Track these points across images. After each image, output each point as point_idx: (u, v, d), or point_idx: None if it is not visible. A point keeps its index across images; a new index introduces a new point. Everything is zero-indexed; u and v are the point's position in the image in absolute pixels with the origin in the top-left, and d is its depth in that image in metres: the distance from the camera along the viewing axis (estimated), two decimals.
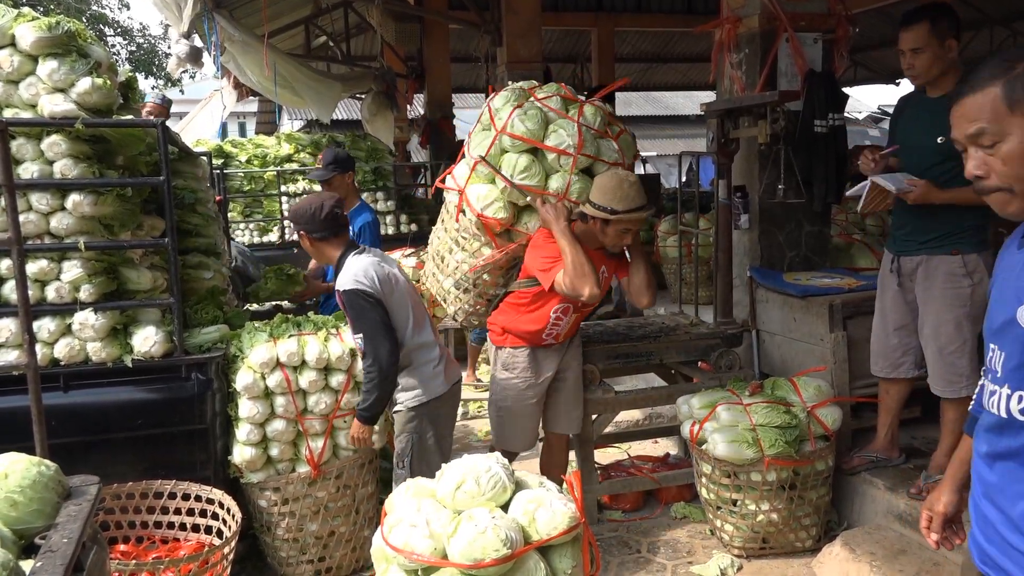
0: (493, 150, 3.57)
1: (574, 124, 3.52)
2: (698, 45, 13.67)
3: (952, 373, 3.28)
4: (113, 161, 3.30)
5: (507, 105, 3.64)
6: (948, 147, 3.14)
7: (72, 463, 2.11)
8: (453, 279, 3.75)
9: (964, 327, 3.25)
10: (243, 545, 3.68)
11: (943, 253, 3.27)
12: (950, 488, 1.89)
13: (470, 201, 3.59)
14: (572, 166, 3.48)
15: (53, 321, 3.19)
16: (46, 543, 1.52)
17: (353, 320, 3.15)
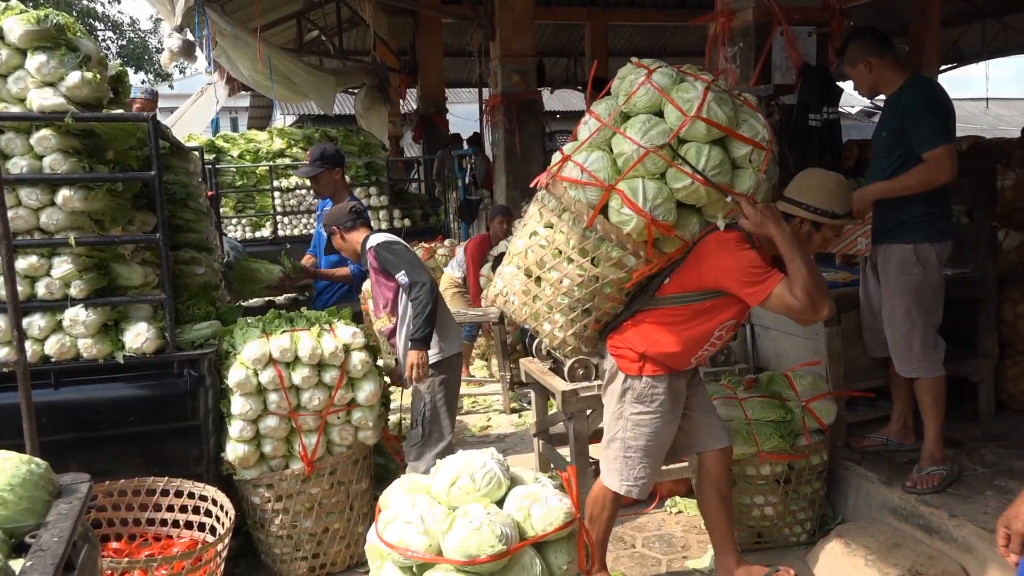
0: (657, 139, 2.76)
1: (759, 114, 2.89)
2: (692, 39, 13.66)
3: (905, 355, 3.50)
4: (103, 156, 3.27)
5: (678, 85, 2.83)
6: (891, 140, 3.42)
7: (63, 461, 2.10)
8: (566, 298, 2.94)
9: (913, 312, 3.44)
10: (236, 542, 3.66)
11: (899, 242, 3.46)
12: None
13: (632, 200, 2.74)
14: (764, 162, 2.83)
15: (43, 317, 3.17)
16: (36, 542, 1.50)
17: (392, 262, 3.59)
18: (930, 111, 3.33)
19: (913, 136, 3.33)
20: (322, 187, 4.57)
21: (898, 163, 3.41)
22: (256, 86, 8.63)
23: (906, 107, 3.36)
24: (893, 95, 3.47)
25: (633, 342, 2.97)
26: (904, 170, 3.39)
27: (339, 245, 3.89)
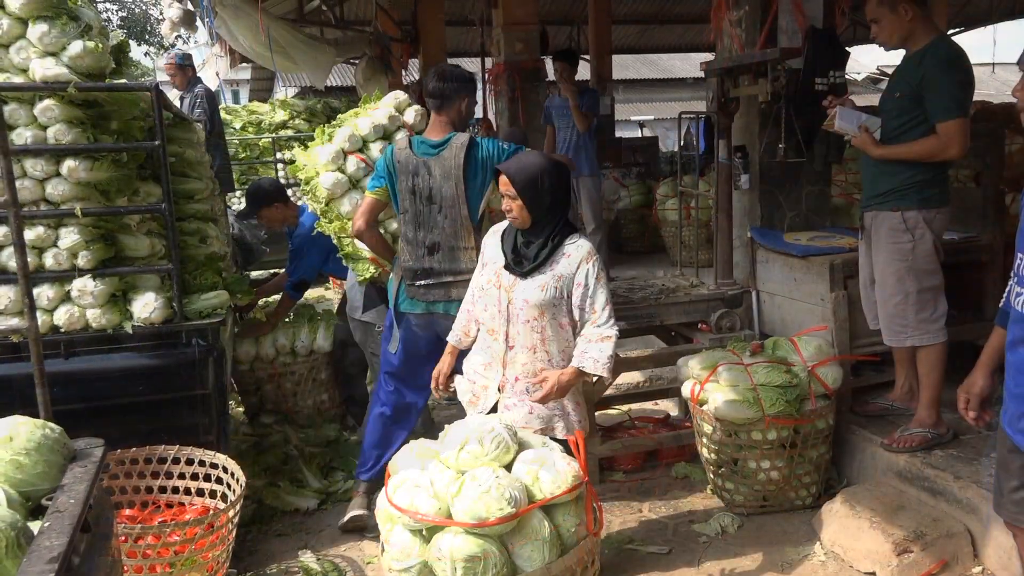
0: None
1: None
2: (696, 5, 13.49)
3: (897, 324, 3.48)
4: (107, 126, 3.26)
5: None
6: (903, 102, 3.31)
7: (75, 430, 2.11)
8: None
9: (905, 280, 3.41)
10: (248, 508, 3.71)
11: (887, 209, 3.41)
12: (984, 372, 2.21)
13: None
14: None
15: (52, 288, 3.18)
16: (53, 504, 1.52)
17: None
18: (953, 79, 3.20)
19: (930, 102, 3.22)
20: (271, 223, 4.71)
21: (908, 127, 3.32)
22: (256, 57, 8.58)
23: (929, 68, 3.21)
24: (917, 53, 3.29)
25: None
26: (912, 136, 3.30)
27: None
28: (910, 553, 3.02)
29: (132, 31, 23.99)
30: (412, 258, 3.36)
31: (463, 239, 3.30)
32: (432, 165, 3.28)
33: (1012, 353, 2.02)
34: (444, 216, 3.29)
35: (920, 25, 3.28)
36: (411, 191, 3.32)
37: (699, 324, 4.28)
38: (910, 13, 3.26)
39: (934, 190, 3.36)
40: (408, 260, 3.37)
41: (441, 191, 3.27)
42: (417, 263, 3.35)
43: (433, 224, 3.31)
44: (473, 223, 3.30)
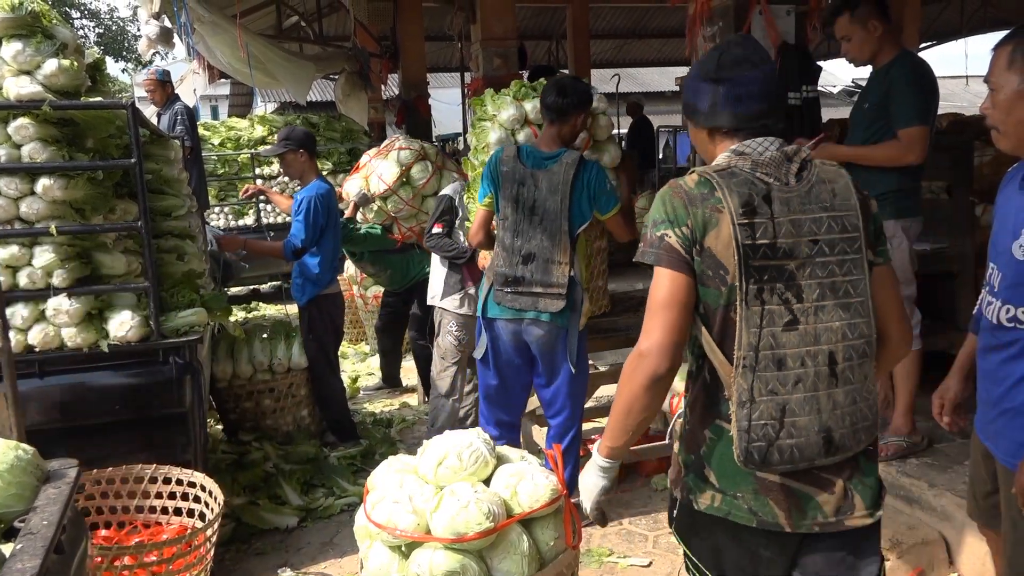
0: None
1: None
2: (672, 20, 13.66)
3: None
4: (83, 144, 3.25)
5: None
6: (872, 112, 3.43)
7: (51, 450, 2.09)
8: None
9: None
10: (226, 528, 3.69)
11: None
12: (957, 378, 2.24)
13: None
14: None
15: (26, 307, 3.16)
16: (26, 526, 1.51)
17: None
18: (916, 88, 3.32)
19: (894, 111, 3.34)
20: (289, 167, 4.71)
21: (876, 136, 3.43)
22: (235, 73, 8.56)
23: (894, 80, 3.35)
24: (883, 67, 3.43)
25: None
26: (881, 142, 3.41)
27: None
28: (887, 561, 3.04)
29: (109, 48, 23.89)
30: (506, 264, 3.37)
31: (558, 253, 3.32)
32: (540, 177, 3.31)
33: (983, 360, 2.05)
34: (544, 229, 3.31)
35: (887, 41, 3.42)
36: (514, 199, 3.34)
37: None
38: (879, 29, 3.39)
39: (909, 200, 3.46)
40: (501, 266, 3.38)
41: (545, 204, 3.30)
42: (511, 270, 3.36)
43: (532, 235, 3.32)
44: (570, 239, 3.33)
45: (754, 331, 1.63)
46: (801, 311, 1.65)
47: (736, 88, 1.74)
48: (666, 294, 1.69)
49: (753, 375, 1.63)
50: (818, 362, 1.65)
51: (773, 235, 1.64)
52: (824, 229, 1.67)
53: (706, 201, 1.67)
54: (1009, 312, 1.91)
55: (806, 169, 1.73)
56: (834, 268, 1.67)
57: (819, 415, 1.65)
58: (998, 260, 1.96)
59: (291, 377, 4.70)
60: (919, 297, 3.63)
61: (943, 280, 4.15)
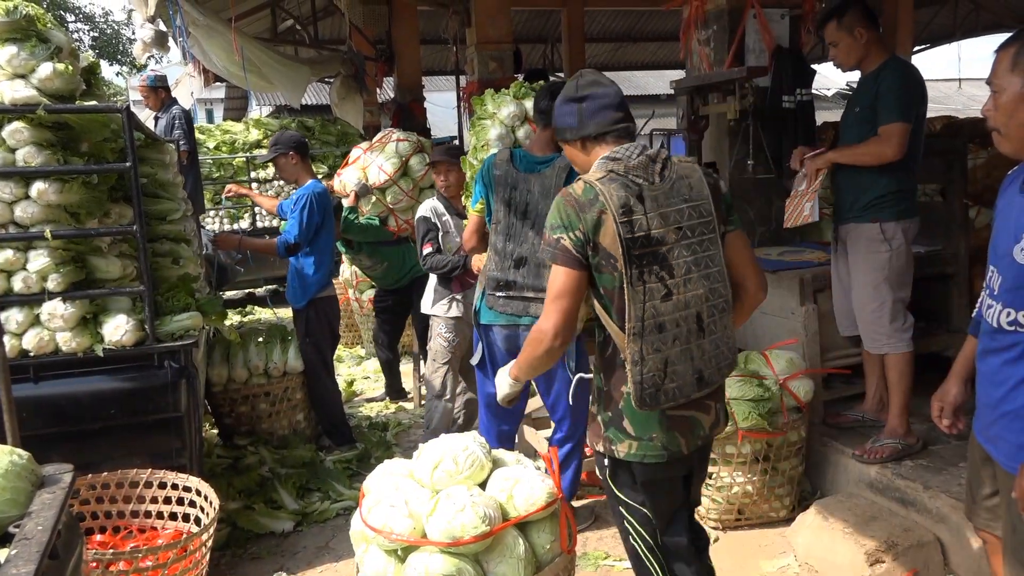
0: None
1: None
2: (667, 23, 13.67)
3: (874, 331, 3.58)
4: (78, 148, 3.25)
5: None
6: (863, 115, 3.50)
7: (45, 455, 2.09)
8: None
9: (882, 289, 3.51)
10: (222, 532, 3.68)
11: (865, 221, 3.52)
12: (956, 381, 2.24)
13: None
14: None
15: (21, 312, 3.15)
16: (20, 531, 1.51)
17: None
18: (903, 90, 3.38)
19: (880, 110, 3.40)
20: (283, 171, 4.72)
21: (865, 137, 3.47)
22: (230, 76, 8.54)
23: (884, 82, 3.40)
24: (872, 73, 3.49)
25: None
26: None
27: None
28: (882, 563, 3.06)
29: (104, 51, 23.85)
30: (498, 269, 3.36)
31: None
32: (532, 181, 3.31)
33: (982, 363, 2.06)
34: (536, 232, 3.29)
35: (874, 47, 3.49)
36: (507, 203, 3.34)
37: None
38: (865, 36, 3.46)
39: (907, 202, 3.51)
40: (493, 270, 3.37)
41: (537, 207, 3.29)
42: (502, 274, 3.35)
43: (524, 238, 3.31)
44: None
45: (639, 305, 2.06)
46: (673, 285, 2.09)
47: (595, 102, 2.20)
48: (561, 286, 2.13)
49: (641, 340, 2.07)
50: (689, 322, 2.11)
51: (647, 228, 2.07)
52: (686, 217, 2.12)
53: (593, 206, 2.07)
54: (1010, 315, 1.91)
55: (667, 168, 2.15)
56: (696, 247, 2.12)
57: (692, 362, 2.13)
58: (999, 263, 1.96)
59: (287, 381, 4.69)
60: (913, 299, 3.64)
61: (937, 282, 4.17)
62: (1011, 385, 1.93)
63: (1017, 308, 1.90)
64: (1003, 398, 1.95)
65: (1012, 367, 1.93)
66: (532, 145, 3.47)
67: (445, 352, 4.30)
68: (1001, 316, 1.93)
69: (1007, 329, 1.92)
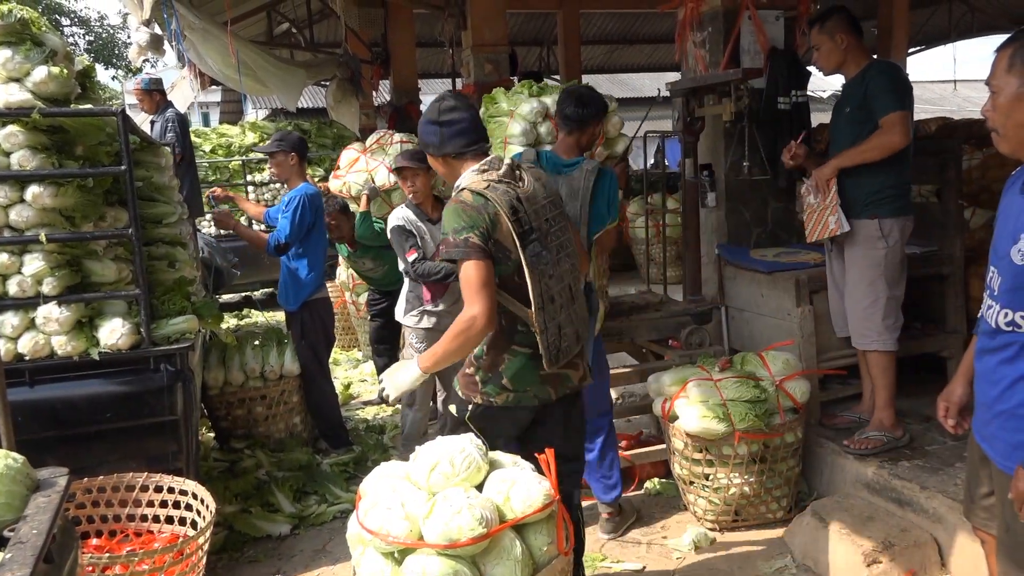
0: None
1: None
2: (663, 25, 13.70)
3: (865, 327, 3.61)
4: (73, 151, 3.24)
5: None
6: (854, 115, 3.54)
7: (41, 459, 2.08)
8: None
9: (878, 285, 3.55)
10: (219, 536, 3.67)
11: (865, 217, 3.56)
12: (962, 381, 2.25)
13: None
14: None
15: (16, 315, 3.14)
16: (15, 535, 1.50)
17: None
18: (892, 85, 3.48)
19: (875, 105, 3.46)
20: (279, 168, 4.71)
21: (863, 136, 3.51)
22: (225, 80, 8.53)
23: (872, 81, 3.49)
24: (857, 76, 3.57)
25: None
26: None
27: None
28: (879, 564, 3.06)
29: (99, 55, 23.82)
30: None
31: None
32: (560, 183, 3.30)
33: (979, 362, 2.06)
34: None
35: (853, 54, 3.58)
36: None
37: (669, 341, 4.32)
38: (845, 42, 3.55)
39: (903, 200, 3.57)
40: None
41: (565, 210, 3.29)
42: None
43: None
44: (586, 246, 3.33)
45: (537, 284, 2.48)
46: (553, 265, 2.54)
47: (453, 127, 2.57)
48: (480, 276, 2.44)
49: (543, 312, 2.49)
50: (565, 293, 2.58)
51: (530, 221, 2.50)
52: (548, 210, 2.59)
53: (487, 208, 2.45)
54: (1007, 316, 1.92)
55: (524, 174, 2.60)
56: (559, 234, 2.60)
57: (573, 324, 2.60)
58: (999, 264, 1.97)
59: (283, 384, 4.69)
60: (908, 300, 3.65)
61: (933, 283, 4.17)
62: (1006, 384, 1.94)
63: (1015, 309, 1.90)
64: (998, 397, 1.96)
65: (1008, 366, 1.93)
66: (557, 148, 3.48)
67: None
68: (999, 316, 1.94)
69: (1005, 329, 1.93)
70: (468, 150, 2.58)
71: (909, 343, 3.75)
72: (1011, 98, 1.88)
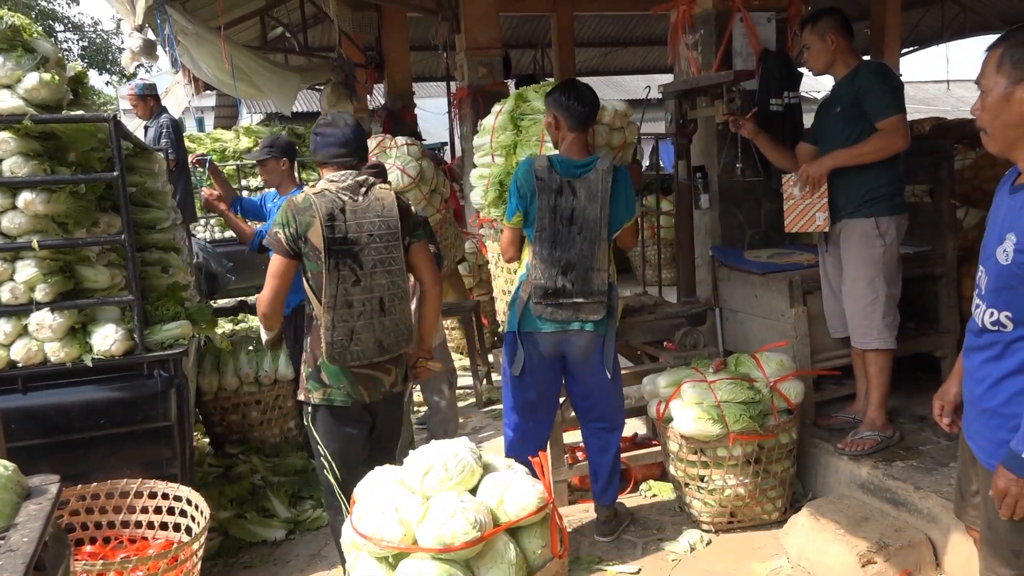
0: None
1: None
2: (656, 28, 13.73)
3: (866, 327, 3.61)
4: (65, 158, 3.23)
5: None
6: (845, 114, 3.55)
7: (35, 466, 2.07)
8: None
9: (877, 284, 3.56)
10: (214, 541, 3.67)
11: (861, 216, 3.57)
12: (956, 380, 2.24)
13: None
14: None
15: (9, 322, 3.13)
16: (6, 543, 1.50)
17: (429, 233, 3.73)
18: (885, 86, 3.48)
19: (869, 107, 3.46)
20: (270, 174, 4.66)
21: (856, 135, 3.52)
22: (219, 85, 8.53)
23: (862, 83, 3.49)
24: (847, 76, 3.58)
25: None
26: (863, 140, 3.51)
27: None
28: (874, 564, 3.06)
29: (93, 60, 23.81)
30: (544, 277, 3.33)
31: (598, 260, 3.32)
32: (577, 186, 3.29)
33: (966, 359, 2.08)
34: (584, 237, 3.29)
35: (842, 54, 3.59)
36: (552, 210, 3.30)
37: (664, 342, 4.32)
38: (834, 43, 3.57)
39: (899, 198, 3.59)
40: (540, 278, 3.33)
41: (584, 212, 3.28)
42: (550, 282, 3.32)
43: (571, 244, 3.30)
44: (608, 244, 3.34)
45: (333, 286, 2.83)
46: (363, 274, 2.86)
47: (325, 139, 2.98)
48: (274, 269, 2.91)
49: (332, 312, 2.83)
50: (373, 303, 2.88)
51: (345, 232, 2.83)
52: (376, 228, 2.88)
53: (307, 211, 2.83)
54: (993, 315, 1.93)
55: (369, 191, 2.92)
56: (381, 250, 2.88)
57: (375, 333, 2.88)
58: (986, 264, 1.98)
59: (278, 389, 4.68)
60: (902, 300, 3.66)
61: (926, 283, 4.18)
62: (990, 383, 1.96)
63: (999, 308, 1.91)
64: (983, 395, 1.98)
65: (993, 365, 1.95)
66: (568, 150, 3.41)
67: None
68: (985, 316, 1.96)
69: (990, 328, 1.95)
70: (330, 160, 2.97)
71: (903, 343, 3.75)
72: (999, 98, 1.88)
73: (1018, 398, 1.89)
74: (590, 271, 3.32)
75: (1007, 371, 1.92)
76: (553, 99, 3.43)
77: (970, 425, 2.08)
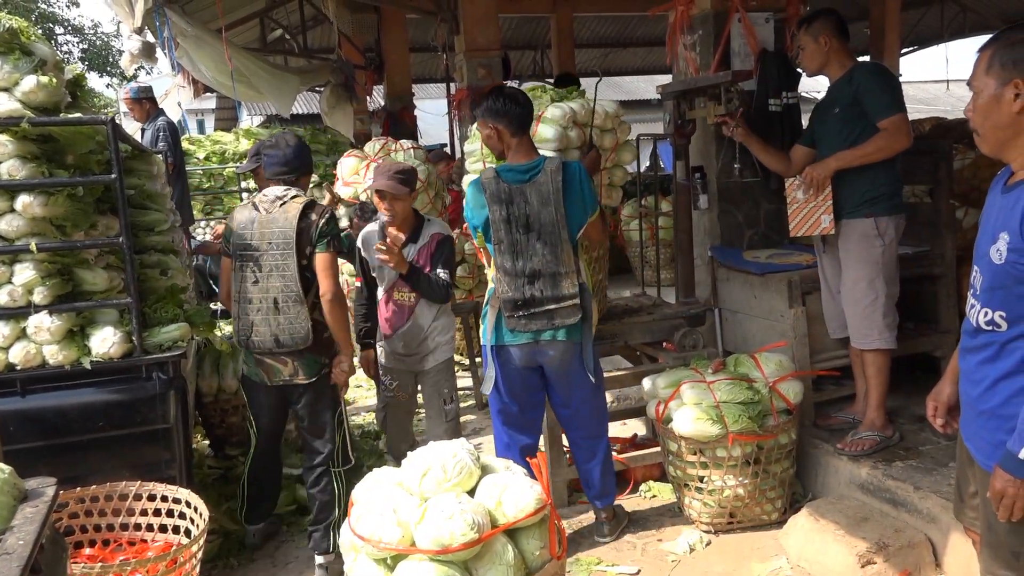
0: None
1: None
2: (656, 28, 13.72)
3: (867, 327, 3.60)
4: (63, 160, 3.24)
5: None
6: (844, 114, 3.56)
7: (34, 468, 2.08)
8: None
9: (876, 284, 3.56)
10: (213, 543, 3.66)
11: (860, 216, 3.57)
12: (950, 380, 2.24)
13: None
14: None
15: (7, 325, 3.13)
16: (1, 546, 1.50)
17: (447, 259, 3.81)
18: (884, 85, 3.50)
19: (870, 107, 3.47)
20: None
21: (856, 136, 3.52)
22: (219, 87, 8.53)
23: (860, 84, 3.50)
24: (844, 77, 3.59)
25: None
26: (864, 141, 3.51)
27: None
28: (873, 564, 3.06)
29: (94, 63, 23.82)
30: (511, 289, 3.23)
31: (564, 264, 3.22)
32: (527, 191, 3.19)
33: (963, 361, 2.07)
34: (543, 243, 3.19)
35: (840, 55, 3.61)
36: (506, 220, 3.20)
37: (663, 343, 4.32)
38: (828, 45, 3.59)
39: (898, 198, 3.60)
40: (507, 291, 3.24)
41: (539, 217, 3.18)
42: (518, 292, 3.23)
43: (532, 252, 3.20)
44: (572, 245, 3.25)
45: (237, 284, 3.39)
46: (261, 276, 3.34)
47: (268, 158, 3.52)
48: (222, 267, 3.58)
49: (239, 306, 3.39)
50: (268, 302, 3.33)
51: (250, 238, 3.35)
52: (275, 237, 3.32)
53: (232, 220, 3.44)
54: (987, 315, 1.93)
55: (282, 206, 3.35)
56: (277, 256, 3.32)
57: (270, 328, 3.33)
58: (980, 263, 1.98)
59: None
60: (901, 300, 3.66)
61: (925, 283, 4.18)
62: (987, 384, 1.95)
63: (993, 308, 1.91)
64: (980, 397, 1.98)
65: (988, 366, 1.94)
66: (515, 156, 3.29)
67: (383, 397, 4.14)
68: (980, 316, 1.95)
69: (985, 328, 1.94)
70: (272, 176, 3.47)
71: (902, 343, 3.75)
72: (989, 99, 1.89)
73: (1015, 399, 1.89)
74: (557, 276, 3.22)
75: (1004, 372, 1.91)
76: (486, 109, 3.29)
77: (968, 427, 2.08)
